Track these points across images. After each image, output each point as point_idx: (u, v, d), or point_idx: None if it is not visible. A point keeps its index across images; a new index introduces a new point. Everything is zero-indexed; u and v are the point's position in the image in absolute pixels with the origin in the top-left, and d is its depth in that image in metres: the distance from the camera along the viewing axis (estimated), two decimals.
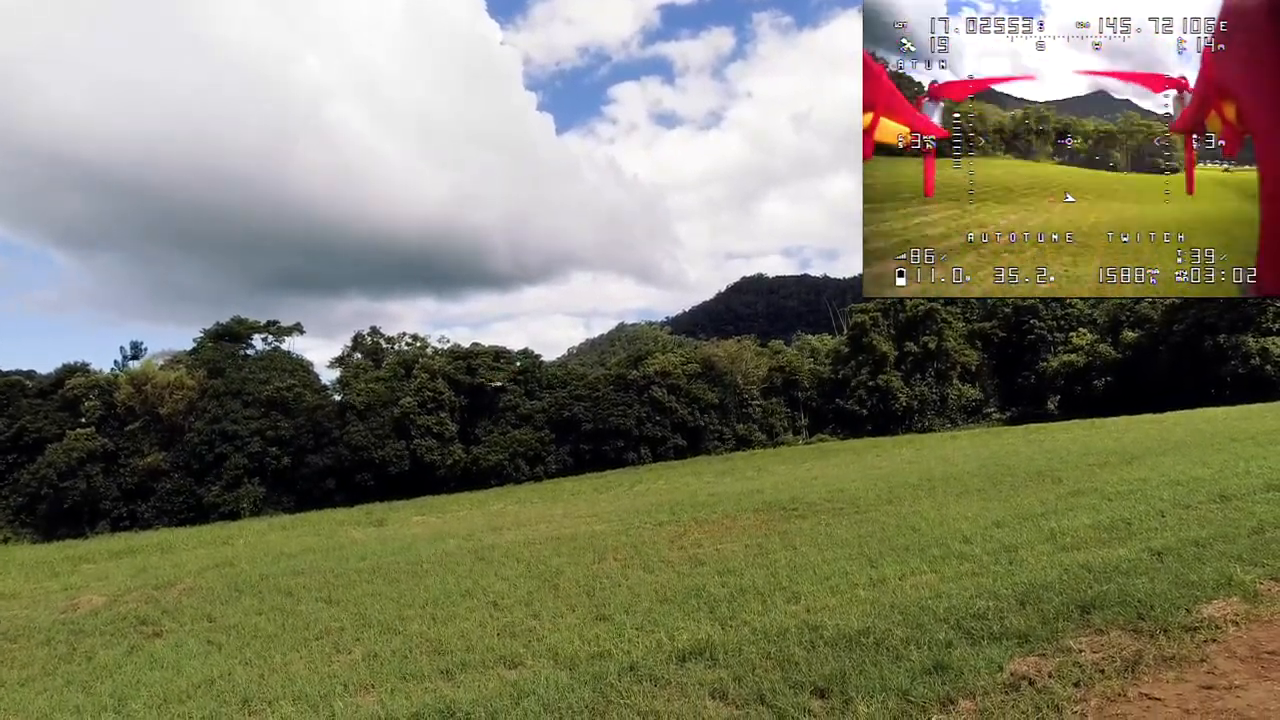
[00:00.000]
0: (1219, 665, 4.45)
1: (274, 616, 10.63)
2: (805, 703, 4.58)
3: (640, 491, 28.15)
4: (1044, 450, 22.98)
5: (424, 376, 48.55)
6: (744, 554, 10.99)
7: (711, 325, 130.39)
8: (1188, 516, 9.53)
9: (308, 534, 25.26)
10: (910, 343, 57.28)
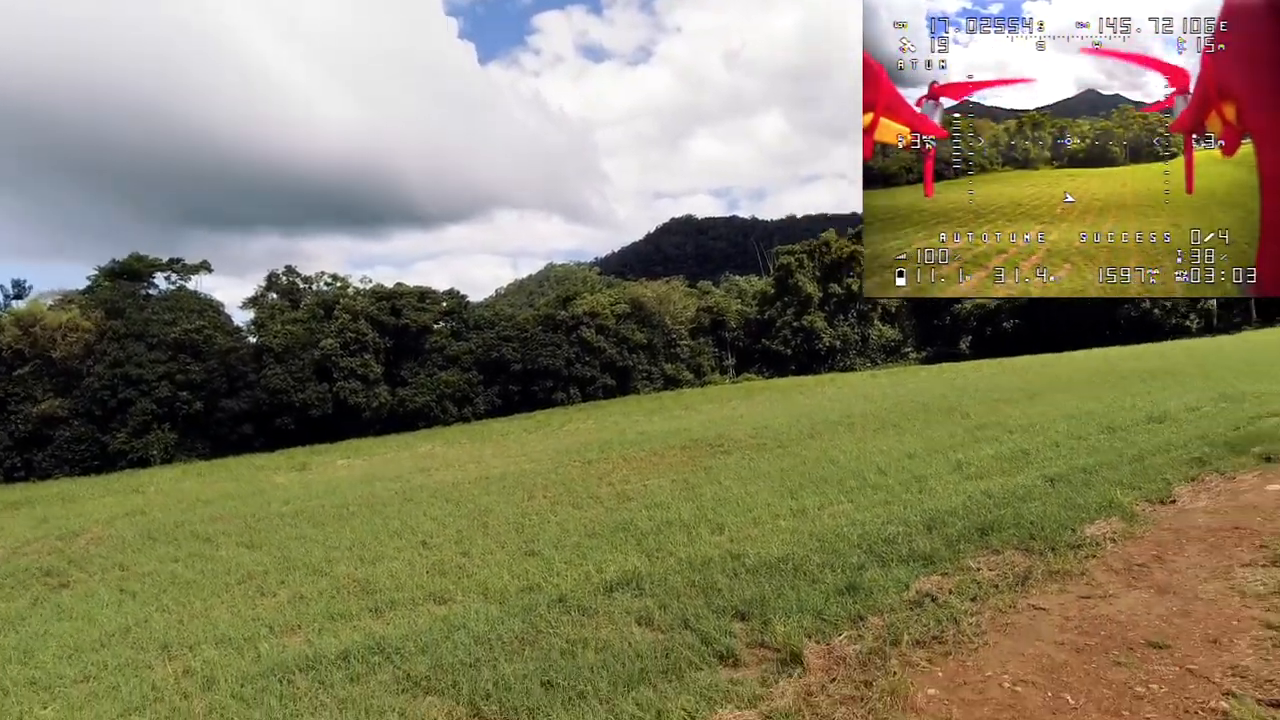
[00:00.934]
0: (1097, 578, 4.89)
1: (192, 563, 10.33)
2: (727, 625, 4.81)
3: (570, 431, 28.32)
4: (955, 388, 24.23)
5: (346, 317, 46.80)
6: (671, 489, 11.29)
7: (641, 266, 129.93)
8: (1079, 447, 10.30)
9: (225, 480, 24.42)
10: (834, 284, 58.72)
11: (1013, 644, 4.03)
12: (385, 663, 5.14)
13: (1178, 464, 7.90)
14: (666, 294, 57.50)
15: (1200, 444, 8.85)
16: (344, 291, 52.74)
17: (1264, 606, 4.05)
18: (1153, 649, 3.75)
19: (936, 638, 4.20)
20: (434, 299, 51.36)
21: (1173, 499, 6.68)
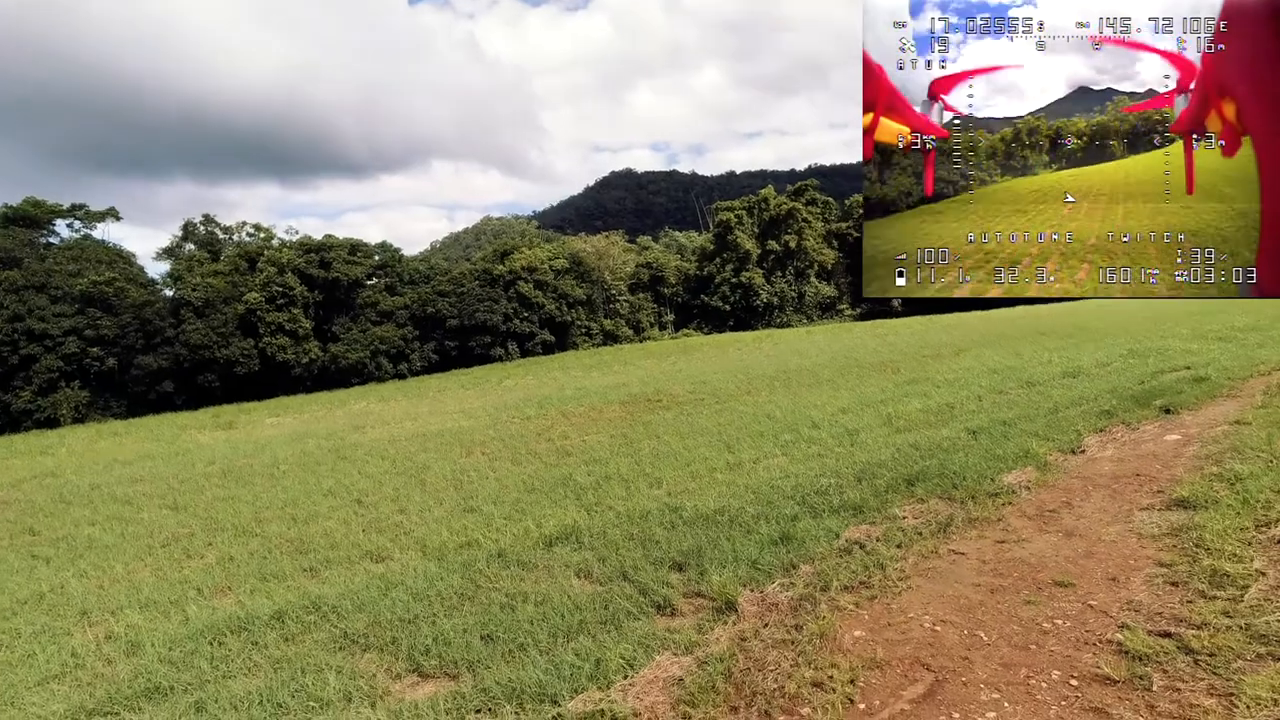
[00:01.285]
0: (1012, 524, 5.19)
1: (111, 526, 9.90)
2: (664, 576, 4.92)
3: (508, 387, 28.10)
4: (887, 344, 25.03)
5: (271, 270, 44.81)
6: (610, 444, 11.37)
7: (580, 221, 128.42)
8: (1000, 400, 10.82)
9: (145, 439, 23.37)
10: (772, 241, 59.36)
11: (934, 587, 4.26)
12: (321, 621, 5.08)
13: (1088, 416, 8.40)
14: (606, 249, 57.16)
15: (1109, 397, 9.42)
16: (268, 243, 50.49)
17: (1158, 547, 4.38)
18: (1059, 588, 4.02)
19: (864, 583, 4.40)
20: (365, 252, 49.67)
21: (1082, 449, 7.10)
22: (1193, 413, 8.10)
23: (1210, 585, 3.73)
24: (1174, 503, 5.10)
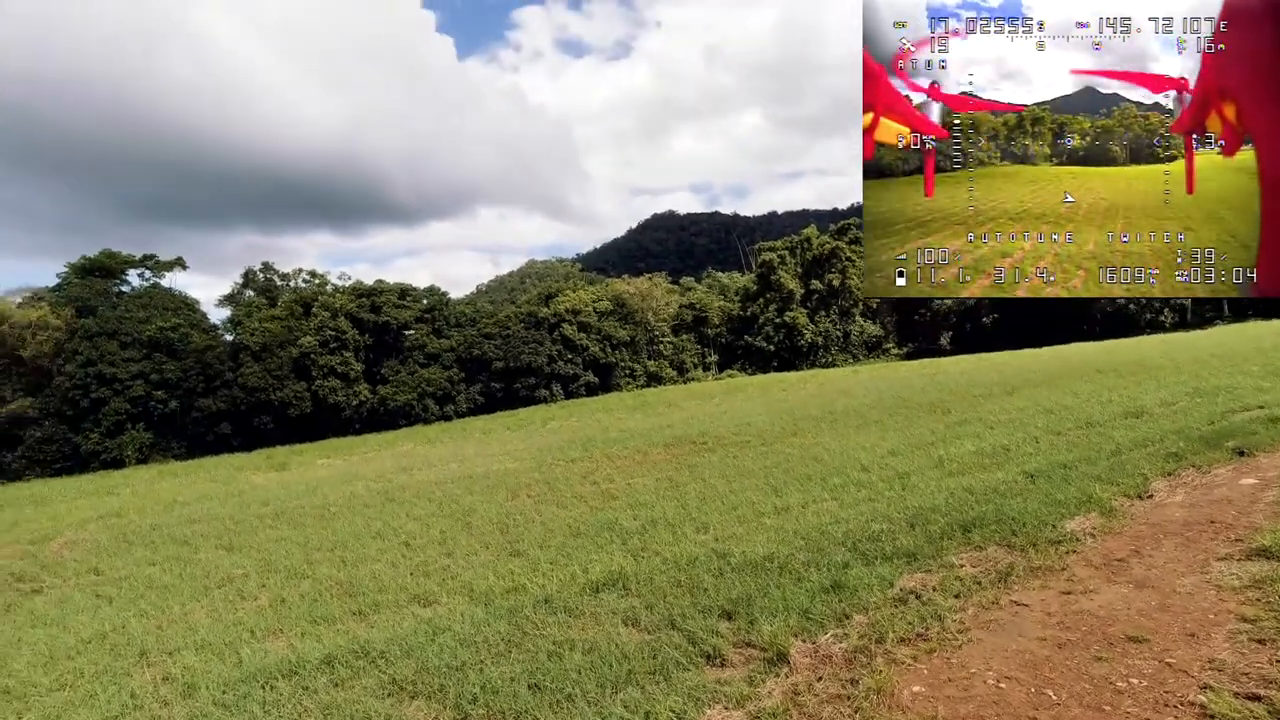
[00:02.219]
0: (1077, 573, 4.95)
1: (170, 566, 10.17)
2: (713, 625, 4.82)
3: (552, 429, 28.24)
4: (936, 383, 24.46)
5: (325, 315, 46.35)
6: (655, 487, 11.29)
7: (623, 262, 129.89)
8: (1058, 442, 10.44)
9: (203, 480, 24.08)
10: (816, 280, 59.02)
11: (996, 640, 4.08)
12: (370, 667, 5.09)
13: (1154, 459, 8.03)
14: (649, 290, 57.56)
15: (1176, 438, 9.00)
16: (322, 289, 52.33)
17: (1240, 600, 4.12)
18: (1132, 643, 3.80)
19: (921, 635, 4.24)
20: (414, 296, 51.03)
21: (1150, 494, 6.79)
22: (1269, 455, 7.68)
23: None
24: (1255, 552, 4.82)
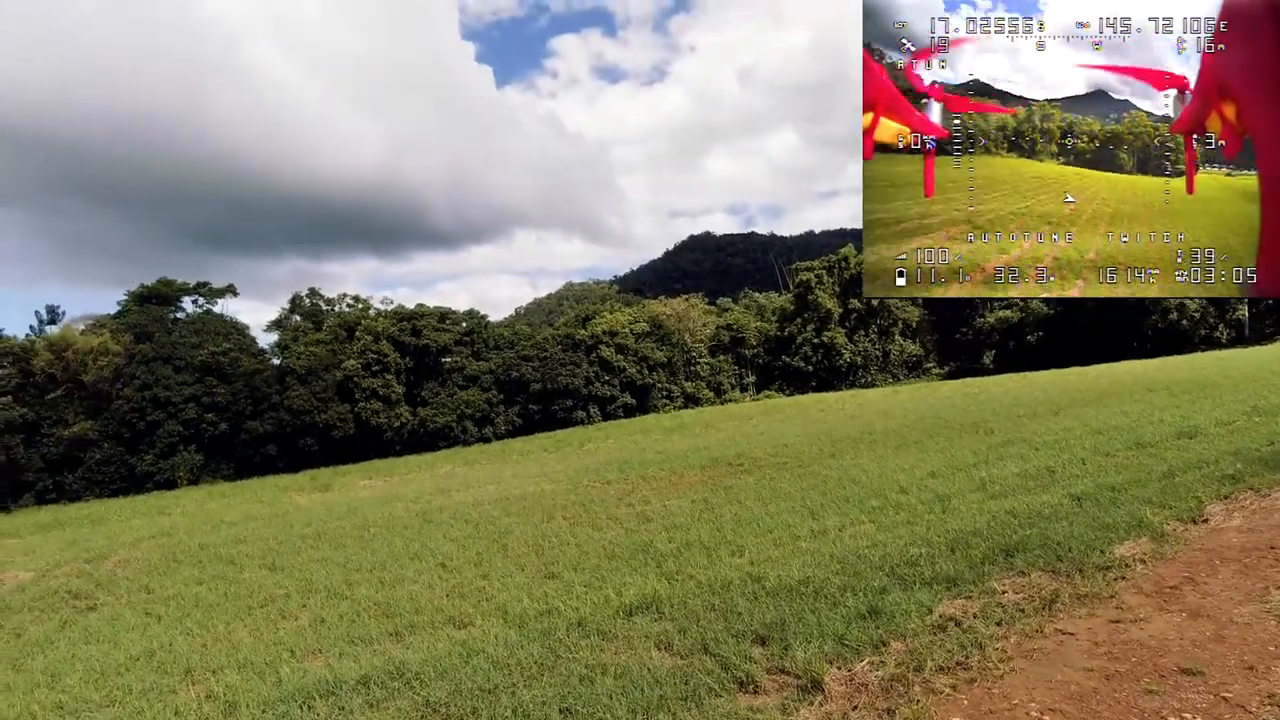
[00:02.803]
0: (1126, 601, 4.77)
1: (215, 585, 10.43)
2: (746, 650, 4.75)
3: (589, 450, 28.30)
4: (978, 403, 23.91)
5: (367, 339, 47.41)
6: (690, 509, 11.22)
7: (659, 284, 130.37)
8: (1106, 463, 10.09)
9: (249, 501, 24.69)
10: (854, 300, 58.39)
11: (1040, 670, 3.94)
12: (405, 688, 5.14)
13: (1209, 481, 7.71)
14: (685, 311, 57.60)
15: (1233, 460, 8.64)
16: (365, 313, 53.56)
17: None
18: (1185, 676, 3.64)
19: (961, 664, 4.12)
20: (454, 319, 51.88)
21: (1205, 518, 6.51)
22: None
23: None
24: None
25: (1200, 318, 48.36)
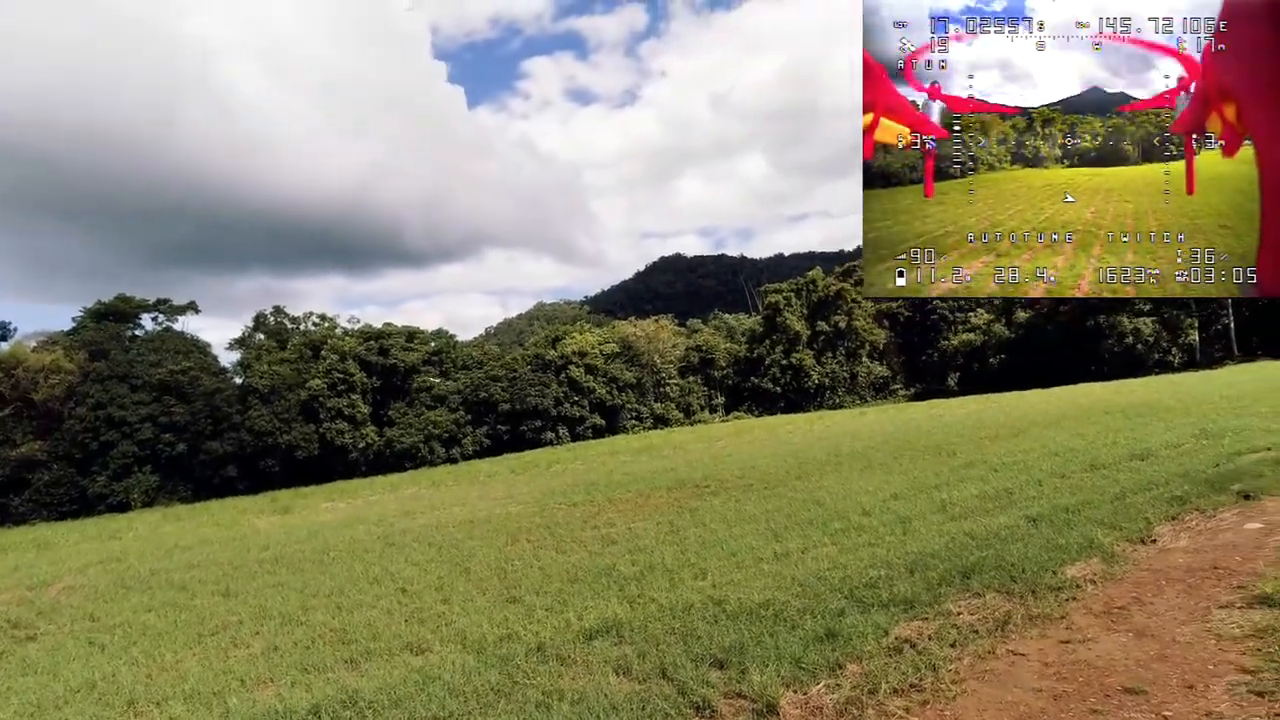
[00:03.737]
0: (1076, 621, 4.86)
1: (165, 613, 10.09)
2: (704, 675, 4.73)
3: (556, 472, 28.10)
4: (942, 425, 24.28)
5: (333, 358, 46.71)
6: (655, 532, 11.18)
7: (630, 304, 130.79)
8: (1062, 485, 10.30)
9: (206, 524, 24.00)
10: (822, 322, 59.19)
11: (991, 692, 3.99)
12: (357, 717, 5.01)
13: (1159, 502, 7.91)
14: (655, 333, 57.79)
15: (1181, 481, 8.87)
16: (331, 331, 52.79)
17: (1240, 650, 4.03)
18: (1129, 695, 3.71)
19: (915, 685, 4.15)
20: (422, 339, 51.43)
21: (1153, 538, 6.67)
22: (1276, 498, 7.55)
23: None
24: (1257, 600, 4.72)
25: (1154, 342, 49.90)
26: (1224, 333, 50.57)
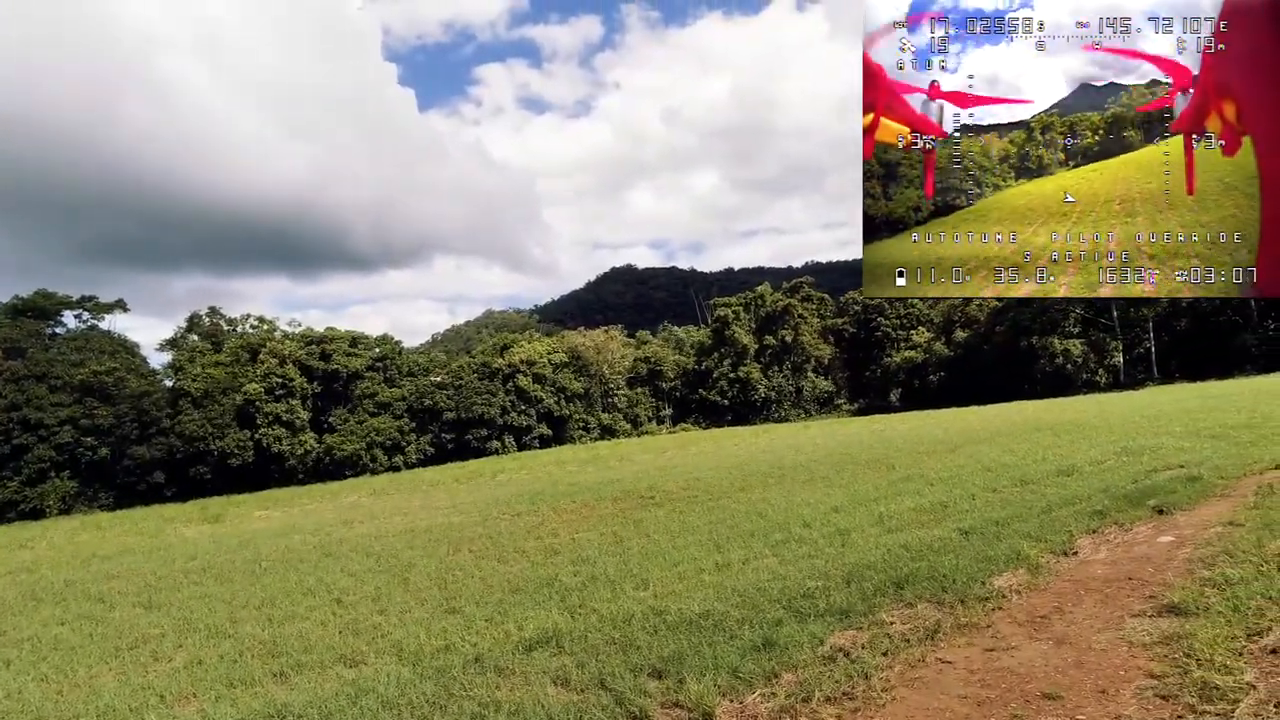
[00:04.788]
0: (1002, 630, 5.04)
1: (80, 626, 9.58)
2: (642, 684, 4.73)
3: (501, 481, 27.77)
4: (883, 439, 24.90)
5: (272, 361, 45.26)
6: (599, 542, 11.15)
7: (581, 315, 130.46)
8: (993, 499, 10.68)
9: (129, 533, 22.89)
10: (769, 336, 60.14)
11: (919, 698, 4.10)
12: None
13: (1081, 516, 8.27)
14: (605, 343, 57.82)
15: (1102, 496, 9.30)
16: (271, 334, 51.22)
17: (1149, 656, 4.24)
18: (1047, 700, 3.87)
19: (847, 694, 4.23)
20: (366, 344, 50.32)
21: (1075, 550, 6.97)
22: (1186, 513, 7.99)
23: (1200, 699, 3.60)
24: (1166, 609, 4.98)
25: (1083, 363, 52.23)
26: (1146, 356, 53.28)
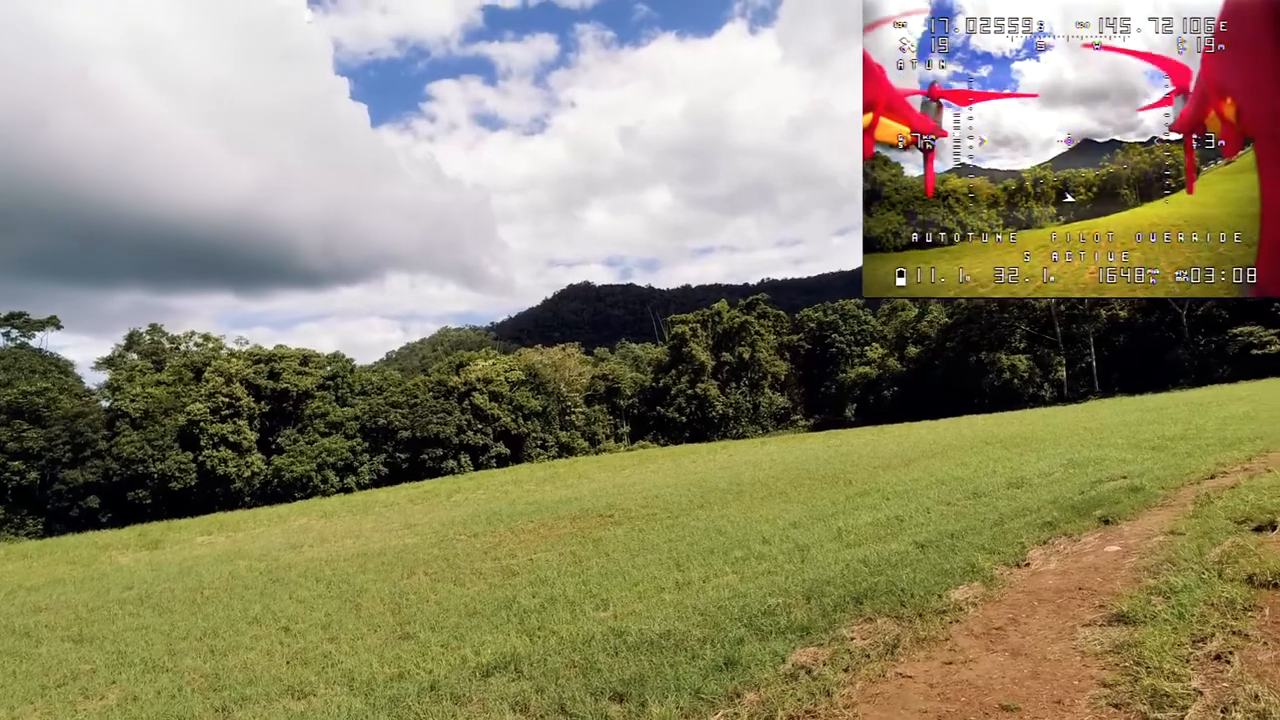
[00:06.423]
0: (959, 643, 5.08)
1: (2, 664, 9.01)
2: (603, 708, 4.63)
3: (458, 501, 27.26)
4: (839, 454, 25.22)
5: (218, 380, 43.77)
6: (558, 563, 10.98)
7: (538, 332, 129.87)
8: (948, 512, 10.87)
9: (59, 562, 21.73)
10: (727, 353, 60.59)
11: (881, 714, 4.09)
12: None
13: (1032, 528, 8.44)
14: (562, 361, 57.53)
15: (1051, 508, 9.52)
16: (216, 353, 49.62)
17: (1100, 665, 4.31)
18: (1005, 712, 3.89)
19: (809, 711, 4.20)
20: (317, 362, 49.05)
21: (1027, 562, 7.10)
22: (1130, 523, 8.22)
23: (1151, 707, 3.66)
24: (1115, 618, 5.08)
25: (1029, 377, 53.87)
26: (1088, 370, 55.25)
